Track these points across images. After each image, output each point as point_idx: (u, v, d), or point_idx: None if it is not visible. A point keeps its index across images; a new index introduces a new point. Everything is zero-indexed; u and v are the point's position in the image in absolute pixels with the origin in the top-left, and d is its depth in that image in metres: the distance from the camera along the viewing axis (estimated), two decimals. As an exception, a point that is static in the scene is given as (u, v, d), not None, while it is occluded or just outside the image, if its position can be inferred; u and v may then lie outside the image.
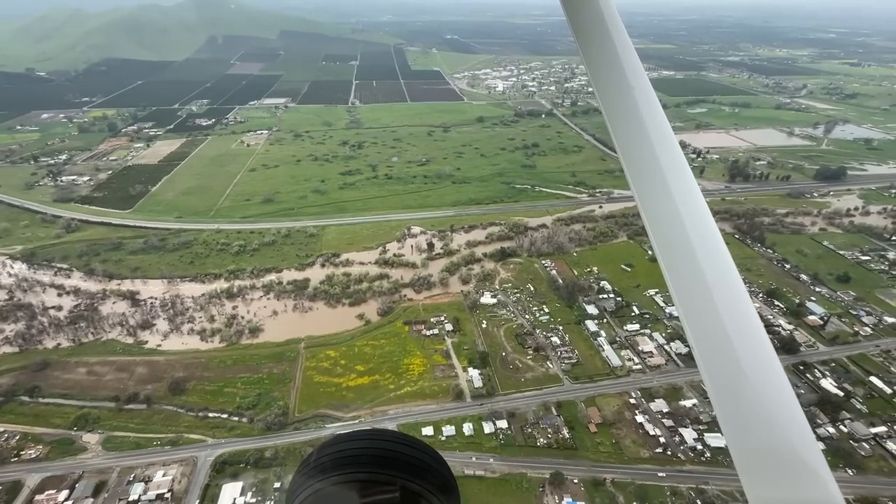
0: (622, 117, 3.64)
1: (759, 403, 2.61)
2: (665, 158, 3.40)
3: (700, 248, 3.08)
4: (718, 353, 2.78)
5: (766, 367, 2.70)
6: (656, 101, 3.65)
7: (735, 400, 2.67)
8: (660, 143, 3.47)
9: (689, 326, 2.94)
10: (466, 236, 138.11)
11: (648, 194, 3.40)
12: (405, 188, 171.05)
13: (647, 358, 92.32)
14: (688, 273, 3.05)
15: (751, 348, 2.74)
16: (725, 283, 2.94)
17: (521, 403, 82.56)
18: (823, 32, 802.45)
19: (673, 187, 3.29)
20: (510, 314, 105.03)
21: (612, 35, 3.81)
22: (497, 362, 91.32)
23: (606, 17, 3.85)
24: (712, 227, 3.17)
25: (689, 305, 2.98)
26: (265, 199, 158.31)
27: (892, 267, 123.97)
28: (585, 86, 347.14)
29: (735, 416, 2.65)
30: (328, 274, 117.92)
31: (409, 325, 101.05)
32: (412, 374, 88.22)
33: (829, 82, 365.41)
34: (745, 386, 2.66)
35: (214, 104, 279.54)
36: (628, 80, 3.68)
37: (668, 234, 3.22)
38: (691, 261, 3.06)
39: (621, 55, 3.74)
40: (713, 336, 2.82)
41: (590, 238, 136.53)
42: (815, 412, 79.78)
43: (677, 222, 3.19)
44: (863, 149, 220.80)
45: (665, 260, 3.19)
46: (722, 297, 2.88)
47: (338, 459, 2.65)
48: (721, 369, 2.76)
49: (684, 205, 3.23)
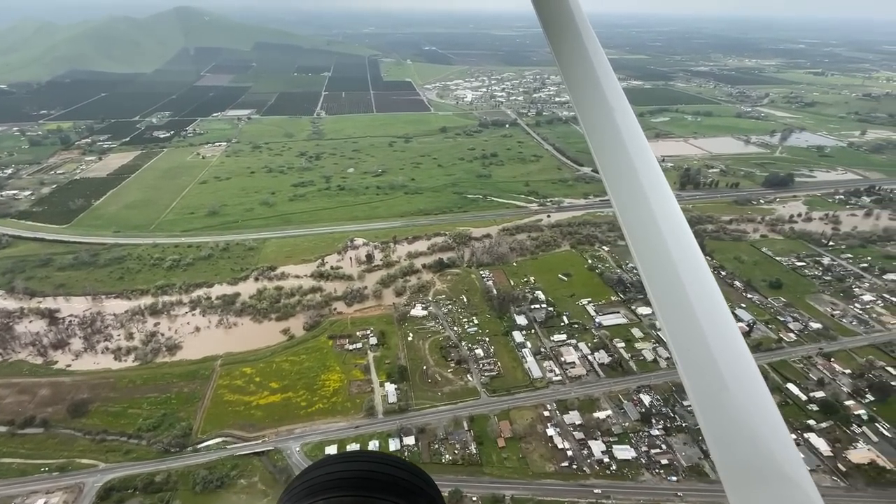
0: (598, 127, 3.78)
1: (742, 417, 2.61)
2: (641, 167, 3.52)
3: (679, 258, 3.14)
4: (700, 365, 2.78)
5: (748, 381, 2.70)
6: (631, 111, 3.82)
7: (719, 414, 2.66)
8: (636, 152, 3.60)
9: (671, 340, 2.95)
10: (409, 247, 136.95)
11: (626, 203, 3.49)
12: (356, 199, 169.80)
13: (569, 369, 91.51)
14: (667, 282, 3.10)
15: (733, 361, 2.74)
16: (705, 295, 2.98)
17: (434, 418, 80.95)
18: (793, 43, 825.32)
19: (650, 195, 3.40)
20: (439, 326, 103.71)
21: (587, 46, 4.01)
22: (416, 376, 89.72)
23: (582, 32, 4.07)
24: (688, 234, 3.27)
25: (671, 318, 3.01)
26: (210, 212, 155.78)
27: (825, 272, 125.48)
28: (553, 95, 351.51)
29: (720, 430, 2.64)
30: (259, 288, 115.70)
31: (334, 339, 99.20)
32: (327, 390, 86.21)
33: (790, 91, 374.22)
34: (729, 400, 2.65)
35: (176, 116, 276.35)
36: (604, 92, 3.84)
37: (647, 242, 3.29)
38: (671, 271, 3.10)
39: (595, 64, 3.92)
40: (695, 348, 2.82)
41: (532, 248, 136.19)
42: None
43: (654, 231, 3.27)
44: (815, 156, 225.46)
45: (644, 270, 3.23)
46: (702, 308, 2.92)
47: (324, 482, 2.61)
48: (704, 384, 2.75)
49: (661, 212, 3.33)
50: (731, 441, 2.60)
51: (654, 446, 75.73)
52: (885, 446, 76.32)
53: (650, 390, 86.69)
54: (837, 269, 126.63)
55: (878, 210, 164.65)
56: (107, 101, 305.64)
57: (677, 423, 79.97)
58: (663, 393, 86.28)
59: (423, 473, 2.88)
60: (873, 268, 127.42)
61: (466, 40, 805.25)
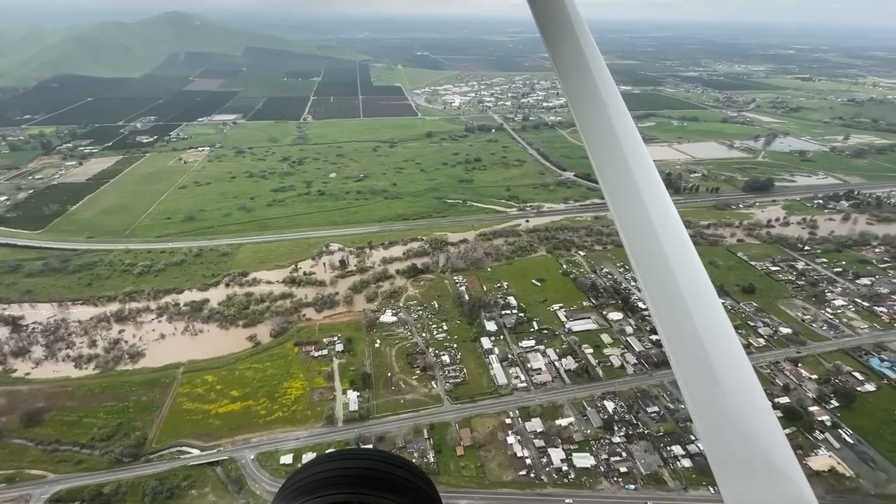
0: (595, 128, 3.84)
1: (734, 412, 2.65)
2: (637, 167, 3.57)
3: (674, 257, 3.17)
4: (694, 363, 2.83)
5: (740, 376, 2.75)
6: (626, 112, 3.88)
7: (711, 409, 2.70)
8: (631, 152, 3.64)
9: (665, 336, 2.99)
10: (385, 253, 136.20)
11: (621, 202, 3.53)
12: (335, 204, 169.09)
13: (535, 375, 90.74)
14: (662, 282, 3.13)
15: (725, 357, 2.79)
16: (699, 293, 3.03)
17: (395, 427, 79.96)
18: (784, 49, 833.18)
19: (645, 195, 3.44)
20: (407, 333, 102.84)
21: (584, 47, 4.07)
22: (380, 384, 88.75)
23: (578, 33, 4.12)
24: (683, 232, 3.32)
25: (664, 315, 3.05)
26: (186, 218, 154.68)
27: (798, 277, 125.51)
28: (541, 100, 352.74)
29: (712, 424, 2.68)
30: (229, 294, 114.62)
31: (300, 346, 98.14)
32: (288, 398, 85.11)
33: (776, 96, 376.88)
34: (722, 396, 2.69)
35: (161, 121, 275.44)
36: (600, 93, 3.90)
37: (642, 240, 3.33)
38: (666, 270, 3.14)
39: (593, 67, 3.99)
40: (689, 346, 2.87)
41: (508, 253, 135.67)
42: (686, 428, 78.77)
43: (649, 229, 3.31)
44: (797, 160, 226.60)
45: (639, 268, 3.27)
46: (696, 306, 2.96)
47: (320, 480, 2.62)
48: (697, 379, 2.79)
49: (656, 211, 3.37)
50: (724, 436, 2.63)
51: (614, 454, 74.95)
52: (847, 453, 75.83)
53: (615, 397, 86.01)
54: (811, 274, 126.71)
55: (855, 214, 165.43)
56: (92, 106, 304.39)
57: (640, 429, 79.28)
58: (628, 399, 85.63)
59: (419, 471, 2.88)
60: (847, 272, 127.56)
61: (460, 45, 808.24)
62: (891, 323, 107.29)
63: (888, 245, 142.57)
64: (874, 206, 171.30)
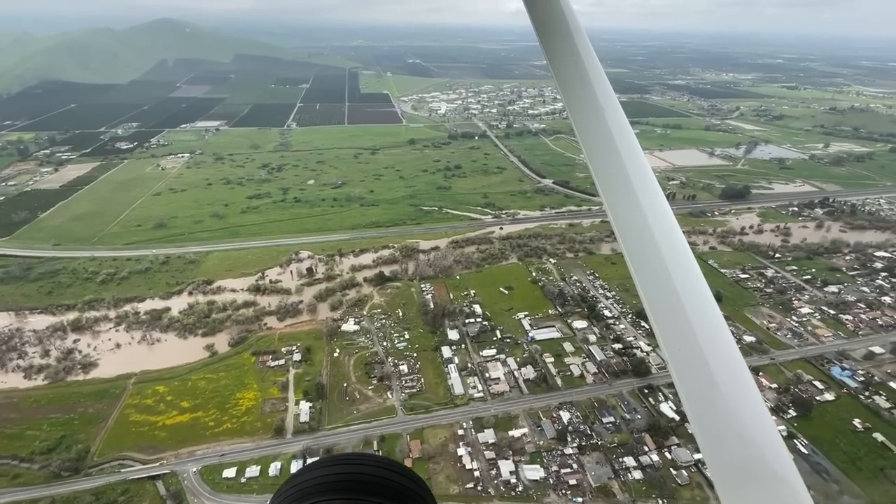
0: (591, 130, 3.85)
1: (733, 417, 2.64)
2: (633, 170, 3.58)
3: (671, 262, 3.17)
4: (692, 367, 2.82)
5: (738, 380, 2.74)
6: (623, 114, 3.89)
7: (709, 413, 2.70)
8: (627, 155, 3.65)
9: (663, 340, 2.98)
10: (355, 260, 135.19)
11: (617, 205, 3.53)
12: (310, 211, 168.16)
13: (493, 385, 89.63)
14: (660, 286, 3.14)
15: (723, 361, 2.79)
16: (697, 297, 3.03)
17: (345, 438, 78.50)
18: (772, 58, 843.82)
19: (641, 197, 3.44)
20: (368, 342, 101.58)
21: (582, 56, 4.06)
22: (335, 394, 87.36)
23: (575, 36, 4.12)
24: (679, 235, 3.34)
25: (662, 319, 3.05)
26: (157, 225, 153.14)
27: (767, 285, 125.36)
28: (527, 108, 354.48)
29: (710, 429, 2.68)
30: (191, 303, 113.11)
31: (258, 355, 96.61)
32: (239, 409, 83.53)
33: (760, 105, 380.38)
34: (719, 399, 2.68)
35: (144, 127, 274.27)
36: (598, 100, 3.89)
37: (638, 243, 3.33)
38: (663, 275, 3.14)
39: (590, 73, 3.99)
40: (687, 350, 2.86)
41: (478, 260, 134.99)
42: (640, 439, 77.78)
43: (646, 232, 3.31)
44: (776, 168, 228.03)
45: (636, 270, 3.28)
46: (694, 310, 2.95)
47: (315, 485, 2.59)
48: (695, 383, 2.78)
49: (652, 213, 3.38)
50: (722, 439, 2.63)
51: (565, 466, 73.77)
52: (800, 464, 74.99)
53: (571, 407, 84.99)
54: (780, 282, 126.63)
55: (829, 222, 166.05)
56: (75, 112, 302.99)
57: (594, 440, 78.20)
58: (584, 409, 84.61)
59: (415, 476, 2.88)
60: (816, 280, 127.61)
61: (453, 53, 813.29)
62: (855, 331, 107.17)
63: (859, 252, 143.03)
64: (848, 214, 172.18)
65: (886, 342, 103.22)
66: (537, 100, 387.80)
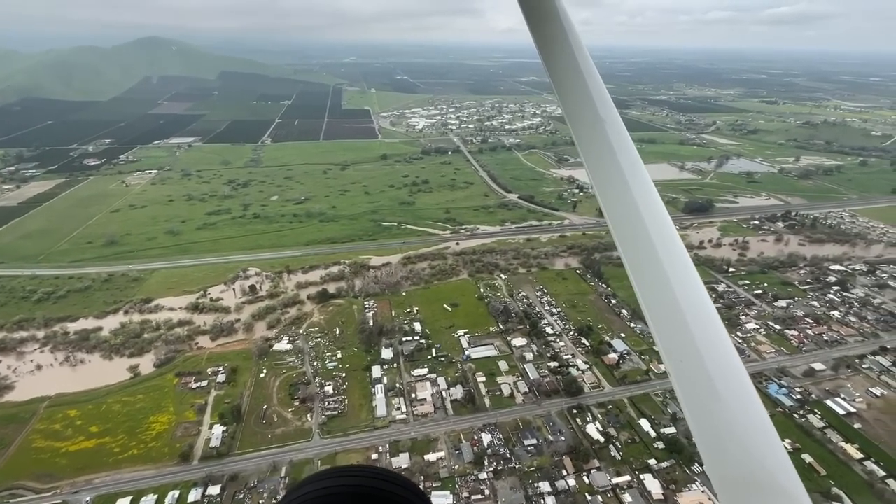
0: (592, 144, 3.87)
1: (735, 428, 2.62)
2: (632, 178, 3.60)
3: (671, 271, 3.17)
4: (693, 376, 2.80)
5: (739, 389, 2.73)
6: (620, 122, 3.91)
7: (711, 423, 2.68)
8: (626, 163, 3.67)
9: (663, 350, 2.99)
10: (304, 277, 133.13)
11: (617, 214, 3.55)
12: (267, 227, 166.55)
13: (418, 406, 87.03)
14: (660, 296, 3.13)
15: (724, 370, 2.78)
16: (697, 306, 3.03)
17: (254, 464, 75.56)
18: (756, 73, 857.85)
19: (641, 206, 3.45)
20: (299, 361, 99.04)
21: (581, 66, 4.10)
22: (252, 417, 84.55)
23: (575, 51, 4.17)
24: (679, 244, 3.35)
25: (663, 329, 3.04)
26: (108, 242, 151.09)
27: (717, 300, 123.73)
28: (504, 123, 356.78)
29: (711, 438, 2.65)
30: (123, 322, 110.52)
31: (181, 376, 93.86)
32: (150, 434, 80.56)
33: (736, 119, 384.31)
34: (721, 410, 2.67)
35: (117, 144, 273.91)
36: (597, 109, 3.93)
37: (638, 252, 3.33)
38: (664, 284, 3.13)
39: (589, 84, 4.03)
40: (688, 360, 2.85)
41: (428, 277, 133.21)
42: (558, 462, 75.13)
43: (646, 241, 3.32)
44: (743, 182, 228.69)
45: (636, 280, 3.29)
46: (694, 319, 2.95)
47: (316, 498, 2.61)
48: (697, 394, 2.76)
49: (652, 222, 3.38)
50: (724, 451, 2.60)
51: (476, 491, 70.96)
52: (722, 487, 72.42)
53: (495, 429, 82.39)
54: (730, 297, 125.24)
55: (788, 235, 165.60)
56: (51, 129, 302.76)
57: (511, 464, 75.52)
58: (508, 431, 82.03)
59: (416, 489, 2.87)
60: (766, 294, 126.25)
61: (441, 70, 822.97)
62: (798, 347, 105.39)
63: (814, 266, 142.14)
64: (808, 227, 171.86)
65: (828, 358, 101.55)
66: (517, 115, 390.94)
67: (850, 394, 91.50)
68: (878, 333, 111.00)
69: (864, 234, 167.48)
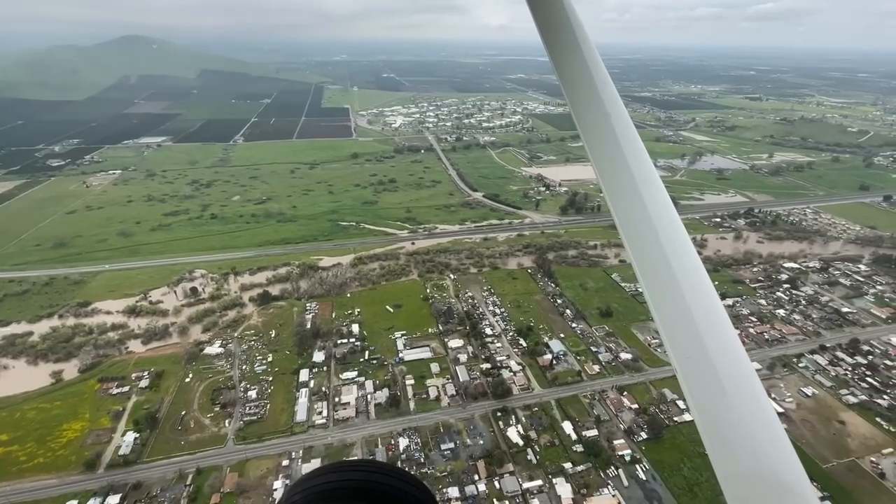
0: (598, 138, 3.83)
1: (743, 428, 2.61)
2: (639, 174, 3.56)
3: (678, 268, 3.16)
4: (702, 377, 2.79)
5: (747, 387, 2.71)
6: (628, 117, 3.88)
7: (720, 425, 2.66)
8: (635, 162, 3.62)
9: (672, 351, 2.97)
10: (250, 279, 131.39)
11: (624, 211, 3.52)
12: (222, 228, 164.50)
13: (341, 410, 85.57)
14: (667, 293, 3.13)
15: (732, 367, 2.77)
16: (704, 303, 3.02)
17: (161, 472, 73.95)
18: (745, 70, 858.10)
19: (648, 203, 3.42)
20: (227, 366, 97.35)
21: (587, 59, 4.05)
22: (168, 423, 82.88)
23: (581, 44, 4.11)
24: (687, 241, 3.33)
25: (670, 326, 3.04)
26: (57, 244, 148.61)
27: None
28: (482, 121, 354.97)
29: (719, 437, 2.64)
30: (55, 326, 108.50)
31: (104, 382, 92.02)
32: (60, 441, 78.77)
33: (716, 116, 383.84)
34: (729, 408, 2.66)
35: (85, 144, 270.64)
36: (603, 103, 3.88)
37: (645, 249, 3.31)
38: (671, 281, 3.13)
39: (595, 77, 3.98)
40: (695, 357, 2.84)
41: (376, 277, 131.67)
42: (472, 467, 73.88)
43: (653, 238, 3.29)
44: (712, 179, 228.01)
45: (643, 277, 3.28)
46: (701, 316, 2.95)
47: (320, 492, 2.61)
48: (705, 393, 2.75)
49: (659, 219, 3.36)
50: (732, 449, 2.59)
51: (383, 498, 69.51)
52: (635, 490, 71.49)
53: (415, 433, 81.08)
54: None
55: (748, 233, 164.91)
56: (20, 129, 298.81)
57: (424, 469, 74.22)
58: (427, 435, 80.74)
59: (420, 484, 2.86)
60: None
61: (430, 68, 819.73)
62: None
63: (768, 264, 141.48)
64: (769, 225, 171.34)
65: (766, 357, 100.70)
66: (497, 113, 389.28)
67: (781, 394, 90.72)
68: (820, 332, 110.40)
69: (823, 231, 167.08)
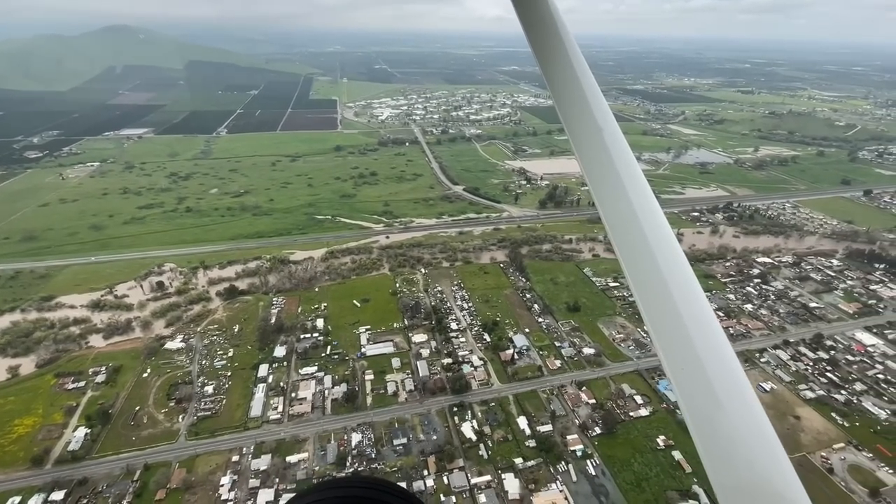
0: (585, 139, 3.89)
1: (738, 437, 2.60)
2: (628, 180, 3.59)
3: (668, 273, 3.14)
4: (696, 389, 2.77)
5: (742, 401, 2.71)
6: (615, 122, 3.91)
7: (715, 433, 2.66)
8: (622, 165, 3.68)
9: (666, 362, 2.96)
10: (219, 273, 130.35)
11: (616, 221, 3.54)
12: (196, 221, 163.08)
13: (296, 405, 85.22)
14: (661, 305, 3.10)
15: (727, 382, 2.75)
16: (698, 315, 3.00)
17: (109, 468, 73.51)
18: (740, 63, 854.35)
19: (637, 209, 3.44)
20: (187, 361, 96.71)
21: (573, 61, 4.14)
22: (121, 419, 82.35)
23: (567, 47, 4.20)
24: (677, 249, 3.32)
25: (664, 337, 3.00)
26: (26, 237, 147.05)
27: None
28: (470, 114, 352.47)
29: (715, 449, 2.64)
30: (15, 321, 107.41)
31: (60, 377, 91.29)
32: (10, 437, 78.14)
33: (705, 109, 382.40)
34: (724, 419, 2.65)
35: (65, 135, 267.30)
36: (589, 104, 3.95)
37: (637, 258, 3.31)
38: (662, 288, 3.11)
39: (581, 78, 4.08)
40: (690, 369, 2.83)
41: (346, 271, 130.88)
42: (422, 462, 73.80)
43: (644, 246, 3.29)
44: (696, 173, 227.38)
45: (636, 287, 3.27)
46: (694, 326, 2.93)
47: None
48: (700, 405, 2.74)
49: (651, 230, 3.35)
50: (727, 461, 2.59)
51: (330, 494, 69.38)
52: (583, 486, 71.57)
53: (368, 428, 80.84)
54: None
55: (725, 227, 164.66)
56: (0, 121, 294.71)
57: (374, 465, 74.10)
58: (381, 431, 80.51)
59: (414, 499, 2.88)
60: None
61: (424, 59, 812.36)
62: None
63: (742, 259, 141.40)
64: (746, 219, 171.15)
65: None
66: (486, 105, 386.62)
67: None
68: (786, 327, 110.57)
69: (800, 225, 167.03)
